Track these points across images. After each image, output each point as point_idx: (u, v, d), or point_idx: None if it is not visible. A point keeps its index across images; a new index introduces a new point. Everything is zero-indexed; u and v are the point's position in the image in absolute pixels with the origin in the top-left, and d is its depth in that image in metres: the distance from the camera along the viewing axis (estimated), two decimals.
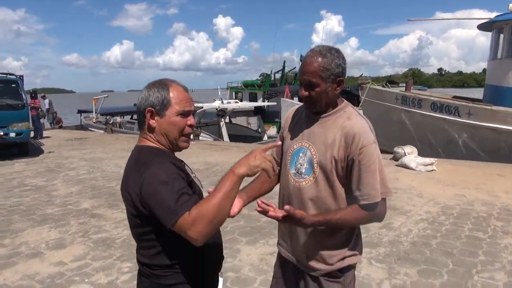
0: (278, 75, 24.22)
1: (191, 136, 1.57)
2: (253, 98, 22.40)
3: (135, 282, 3.53)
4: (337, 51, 1.62)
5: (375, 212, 1.60)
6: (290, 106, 17.79)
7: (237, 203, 1.72)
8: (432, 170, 8.00)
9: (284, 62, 24.13)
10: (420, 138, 11.34)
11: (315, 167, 1.65)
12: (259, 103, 20.38)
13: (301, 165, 1.70)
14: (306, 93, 1.63)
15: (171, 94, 1.45)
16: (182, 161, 1.54)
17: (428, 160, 8.25)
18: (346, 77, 1.67)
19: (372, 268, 3.68)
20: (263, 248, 4.18)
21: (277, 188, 1.89)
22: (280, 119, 18.11)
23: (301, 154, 1.71)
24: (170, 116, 1.45)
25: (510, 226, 4.85)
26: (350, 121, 1.62)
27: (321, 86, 1.60)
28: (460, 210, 5.49)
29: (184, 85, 1.52)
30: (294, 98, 19.01)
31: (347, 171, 1.61)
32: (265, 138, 16.97)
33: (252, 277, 3.55)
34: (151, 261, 1.46)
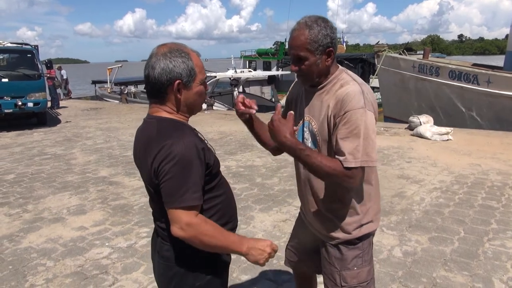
0: None
1: (205, 106, 1.58)
2: (267, 67, 22.14)
3: None
4: (324, 20, 1.58)
5: (347, 174, 1.50)
6: None
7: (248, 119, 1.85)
8: (448, 140, 7.91)
9: None
10: (436, 107, 11.12)
11: (318, 140, 1.66)
12: (273, 72, 20.14)
13: (306, 139, 1.72)
14: (296, 67, 1.60)
15: (194, 63, 1.41)
16: (194, 129, 1.54)
17: (444, 129, 8.14)
18: (357, 45, 1.64)
19: (384, 235, 3.74)
20: (276, 215, 4.27)
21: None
22: None
23: (305, 129, 1.72)
24: (196, 86, 1.43)
25: None
26: (342, 88, 1.59)
27: (310, 59, 1.56)
28: (474, 179, 5.46)
29: (196, 50, 1.49)
30: None
31: (332, 135, 1.58)
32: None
33: None
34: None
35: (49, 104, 12.88)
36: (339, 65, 1.68)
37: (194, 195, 1.32)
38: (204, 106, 14.56)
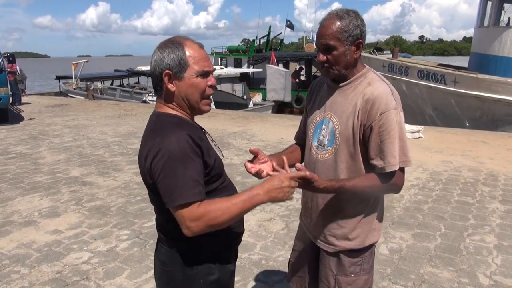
0: (263, 41, 23.78)
1: (211, 98, 1.48)
2: (237, 64, 22.03)
3: (135, 249, 3.54)
4: (355, 12, 1.56)
5: (392, 182, 1.53)
6: (276, 73, 17.60)
7: (266, 168, 1.63)
8: (419, 138, 8.13)
9: (270, 27, 23.63)
10: (406, 106, 11.35)
11: (337, 138, 1.60)
12: (246, 69, 20.05)
13: (323, 137, 1.66)
14: (324, 57, 1.55)
15: (187, 53, 1.33)
16: (203, 129, 1.47)
17: (415, 127, 8.35)
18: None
19: None
20: (260, 214, 4.22)
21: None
22: (265, 85, 17.92)
23: (323, 126, 1.66)
24: (190, 78, 1.34)
25: (496, 191, 5.03)
26: (370, 87, 1.55)
27: (339, 49, 1.53)
28: (448, 176, 5.64)
29: (199, 42, 1.40)
30: (280, 65, 18.83)
31: (366, 139, 1.54)
32: (251, 105, 16.84)
33: (252, 242, 3.59)
34: (171, 233, 1.40)
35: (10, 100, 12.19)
36: (365, 65, 1.65)
37: (194, 191, 1.24)
38: (213, 105, 14.30)
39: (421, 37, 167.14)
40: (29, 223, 4.02)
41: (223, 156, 1.55)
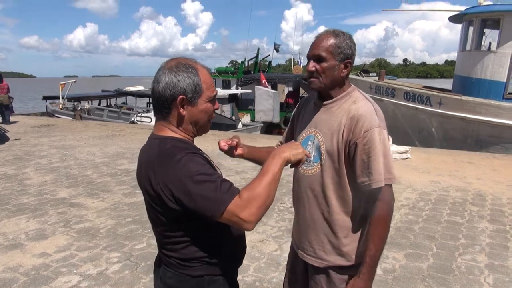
0: (251, 62, 24.09)
1: None
2: (226, 85, 22.18)
3: (126, 272, 3.46)
4: (350, 35, 1.63)
5: (380, 197, 1.52)
6: (264, 94, 17.79)
7: (239, 150, 1.85)
8: (406, 158, 8.26)
9: (258, 49, 23.97)
10: (393, 127, 11.51)
11: (322, 154, 1.64)
12: (234, 90, 20.20)
13: (309, 153, 1.69)
14: (313, 67, 1.61)
15: (201, 79, 1.34)
16: (200, 150, 1.47)
17: (402, 148, 8.48)
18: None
19: None
20: (253, 235, 4.17)
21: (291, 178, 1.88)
22: (254, 106, 18.06)
23: (309, 142, 1.70)
24: (202, 104, 1.36)
25: (485, 210, 5.10)
26: (355, 105, 1.60)
27: (330, 62, 1.58)
28: (437, 196, 5.71)
29: (206, 66, 1.41)
30: (269, 86, 19.03)
31: (351, 156, 1.57)
32: (239, 126, 16.91)
33: (245, 264, 3.55)
34: (178, 254, 1.39)
35: None
36: (351, 84, 1.70)
37: (230, 190, 1.22)
38: None
39: (405, 60, 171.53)
40: (16, 246, 3.91)
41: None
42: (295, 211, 1.84)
